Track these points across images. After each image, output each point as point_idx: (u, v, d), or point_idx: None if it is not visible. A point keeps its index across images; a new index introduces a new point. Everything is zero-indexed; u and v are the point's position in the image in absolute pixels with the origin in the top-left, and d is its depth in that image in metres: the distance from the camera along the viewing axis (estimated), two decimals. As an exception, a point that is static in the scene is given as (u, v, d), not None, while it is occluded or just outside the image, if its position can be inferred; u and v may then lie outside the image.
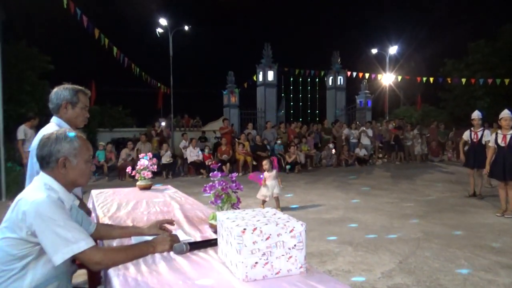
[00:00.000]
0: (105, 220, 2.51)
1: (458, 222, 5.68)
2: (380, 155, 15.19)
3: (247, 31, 39.35)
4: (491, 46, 22.92)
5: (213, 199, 2.07)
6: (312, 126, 15.31)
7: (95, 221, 2.36)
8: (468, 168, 7.64)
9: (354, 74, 20.37)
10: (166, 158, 11.08)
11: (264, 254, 1.50)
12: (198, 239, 2.04)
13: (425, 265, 3.84)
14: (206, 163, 11.01)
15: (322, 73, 20.89)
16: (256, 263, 1.49)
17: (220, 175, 2.13)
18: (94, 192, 3.63)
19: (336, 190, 8.48)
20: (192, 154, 11.43)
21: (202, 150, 11.78)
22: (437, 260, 3.99)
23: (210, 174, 2.20)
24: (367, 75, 20.74)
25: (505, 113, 6.18)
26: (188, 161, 11.49)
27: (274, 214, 1.73)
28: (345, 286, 1.42)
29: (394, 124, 16.01)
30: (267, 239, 1.51)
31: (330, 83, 21.57)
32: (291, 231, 1.56)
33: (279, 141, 12.50)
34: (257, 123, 17.99)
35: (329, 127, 15.35)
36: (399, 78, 21.20)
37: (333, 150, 13.62)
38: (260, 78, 19.14)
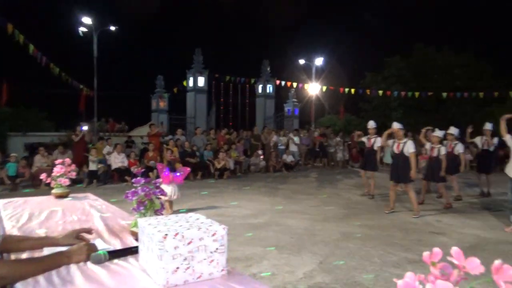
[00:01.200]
0: (13, 232, 2.32)
1: (374, 223, 6.15)
2: (306, 162, 15.85)
3: (177, 35, 38.76)
4: (405, 61, 25.26)
5: (135, 205, 2.02)
6: (241, 132, 15.52)
7: (1, 232, 2.17)
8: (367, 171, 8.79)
9: (283, 83, 21.10)
10: (94, 165, 10.45)
11: (185, 259, 1.51)
12: (119, 247, 1.98)
13: (343, 264, 4.10)
14: (132, 170, 10.59)
15: (253, 80, 21.32)
16: (178, 268, 1.49)
17: (143, 181, 2.09)
18: (0, 202, 3.32)
19: (264, 196, 8.69)
20: (117, 160, 10.93)
21: (128, 156, 11.32)
22: (353, 259, 4.28)
23: (133, 180, 2.15)
24: (295, 84, 21.59)
25: (397, 125, 6.99)
26: (112, 168, 10.96)
27: (197, 219, 1.75)
28: (264, 286, 1.48)
29: (319, 131, 16.85)
30: (189, 243, 1.53)
31: (260, 91, 22.10)
32: (213, 235, 1.59)
33: (208, 147, 12.48)
34: (186, 129, 17.78)
35: (258, 133, 15.69)
36: (324, 88, 22.38)
37: (262, 157, 13.93)
38: (191, 83, 18.99)
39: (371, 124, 8.81)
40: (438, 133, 7.92)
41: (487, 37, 34.69)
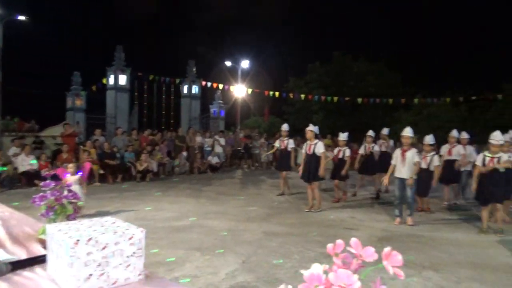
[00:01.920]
0: None
1: (295, 221, 6.42)
2: (231, 163, 15.99)
3: (97, 30, 36.55)
4: (325, 68, 26.76)
5: (43, 211, 1.88)
6: (166, 133, 15.15)
7: None
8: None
9: (209, 84, 21.01)
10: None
11: (99, 264, 1.45)
12: (24, 257, 1.82)
13: (264, 262, 4.22)
14: (42, 173, 9.74)
15: (178, 80, 20.91)
16: (91, 275, 1.42)
17: (53, 184, 1.96)
18: None
19: (188, 197, 8.58)
20: (25, 162, 9.98)
21: (38, 158, 10.39)
22: (275, 257, 4.43)
23: (41, 184, 2.00)
24: (221, 85, 21.63)
25: (308, 128, 7.49)
26: (19, 171, 9.98)
27: (113, 223, 1.69)
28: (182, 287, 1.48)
29: (244, 133, 17.10)
30: (103, 248, 1.46)
31: (185, 91, 21.75)
32: (130, 239, 1.55)
33: (130, 149, 11.96)
34: (106, 129, 16.84)
35: (183, 135, 15.43)
36: (250, 90, 22.77)
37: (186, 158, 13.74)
38: (111, 81, 18.01)
39: (285, 127, 9.33)
40: (343, 136, 8.61)
41: (397, 49, 38.18)
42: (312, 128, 7.46)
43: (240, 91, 22.76)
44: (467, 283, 3.82)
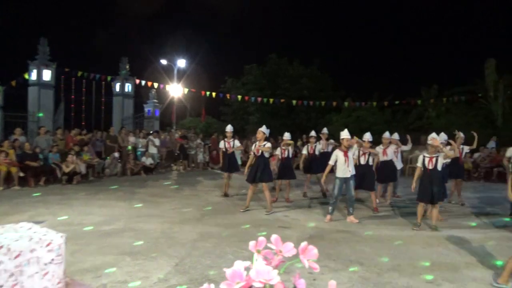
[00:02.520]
0: None
1: (230, 221, 6.44)
2: (166, 164, 15.62)
3: (17, 21, 33.60)
4: (261, 70, 27.18)
5: None
6: (95, 133, 14.36)
7: None
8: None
9: (143, 82, 20.30)
10: None
11: (12, 275, 1.34)
12: None
13: (198, 264, 4.18)
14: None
15: (109, 78, 19.93)
16: (1, 286, 1.31)
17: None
18: None
19: (119, 201, 8.21)
20: None
21: None
22: (209, 258, 4.41)
23: None
24: (156, 84, 21.01)
25: (260, 129, 7.49)
26: None
27: (30, 228, 1.57)
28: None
29: (179, 133, 16.78)
30: (16, 257, 1.36)
31: (118, 90, 20.82)
32: (48, 245, 1.45)
33: (54, 149, 11.16)
34: (27, 128, 15.55)
35: (115, 134, 14.75)
36: (186, 90, 22.40)
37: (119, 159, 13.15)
38: (34, 76, 16.67)
39: (229, 128, 9.27)
40: (287, 135, 8.92)
41: (329, 54, 40.05)
42: (264, 130, 7.43)
43: (176, 90, 22.30)
44: (388, 274, 4.11)
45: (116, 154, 13.15)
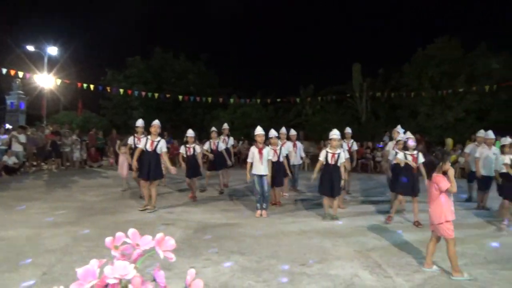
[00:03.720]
0: None
1: (108, 222, 6.06)
2: (35, 163, 13.93)
3: None
4: (146, 63, 26.04)
5: None
6: None
7: None
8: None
9: (4, 70, 17.65)
10: None
11: None
12: None
13: (70, 270, 3.84)
14: None
15: (-42, 64, 16.84)
16: None
17: None
18: None
19: (-27, 207, 7.04)
20: None
21: None
22: (83, 263, 4.06)
23: None
24: (20, 73, 18.48)
25: (154, 122, 7.23)
26: None
27: None
28: None
29: (51, 129, 15.10)
30: None
31: (-30, 78, 17.76)
32: None
33: None
34: None
35: (-34, 130, 12.56)
36: (59, 81, 20.27)
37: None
38: None
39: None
40: (190, 132, 8.65)
41: (214, 50, 40.44)
42: (157, 123, 7.20)
43: (46, 81, 20.00)
44: (267, 261, 4.37)
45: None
